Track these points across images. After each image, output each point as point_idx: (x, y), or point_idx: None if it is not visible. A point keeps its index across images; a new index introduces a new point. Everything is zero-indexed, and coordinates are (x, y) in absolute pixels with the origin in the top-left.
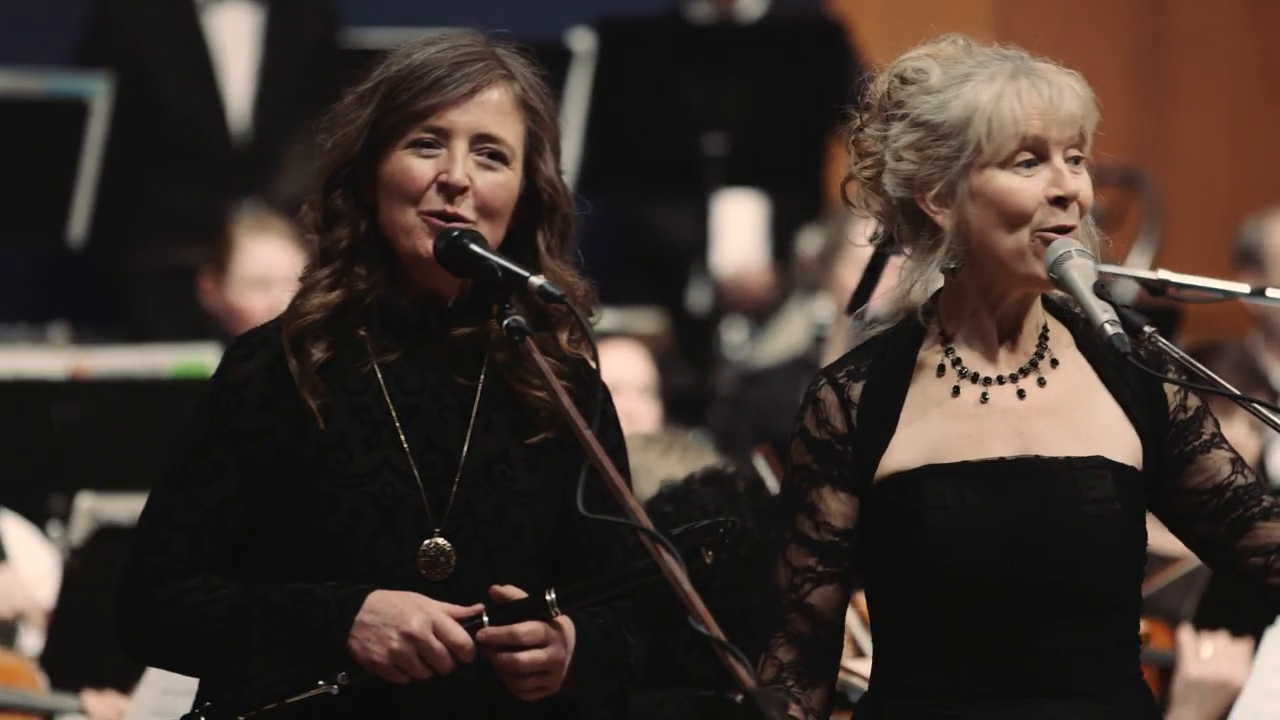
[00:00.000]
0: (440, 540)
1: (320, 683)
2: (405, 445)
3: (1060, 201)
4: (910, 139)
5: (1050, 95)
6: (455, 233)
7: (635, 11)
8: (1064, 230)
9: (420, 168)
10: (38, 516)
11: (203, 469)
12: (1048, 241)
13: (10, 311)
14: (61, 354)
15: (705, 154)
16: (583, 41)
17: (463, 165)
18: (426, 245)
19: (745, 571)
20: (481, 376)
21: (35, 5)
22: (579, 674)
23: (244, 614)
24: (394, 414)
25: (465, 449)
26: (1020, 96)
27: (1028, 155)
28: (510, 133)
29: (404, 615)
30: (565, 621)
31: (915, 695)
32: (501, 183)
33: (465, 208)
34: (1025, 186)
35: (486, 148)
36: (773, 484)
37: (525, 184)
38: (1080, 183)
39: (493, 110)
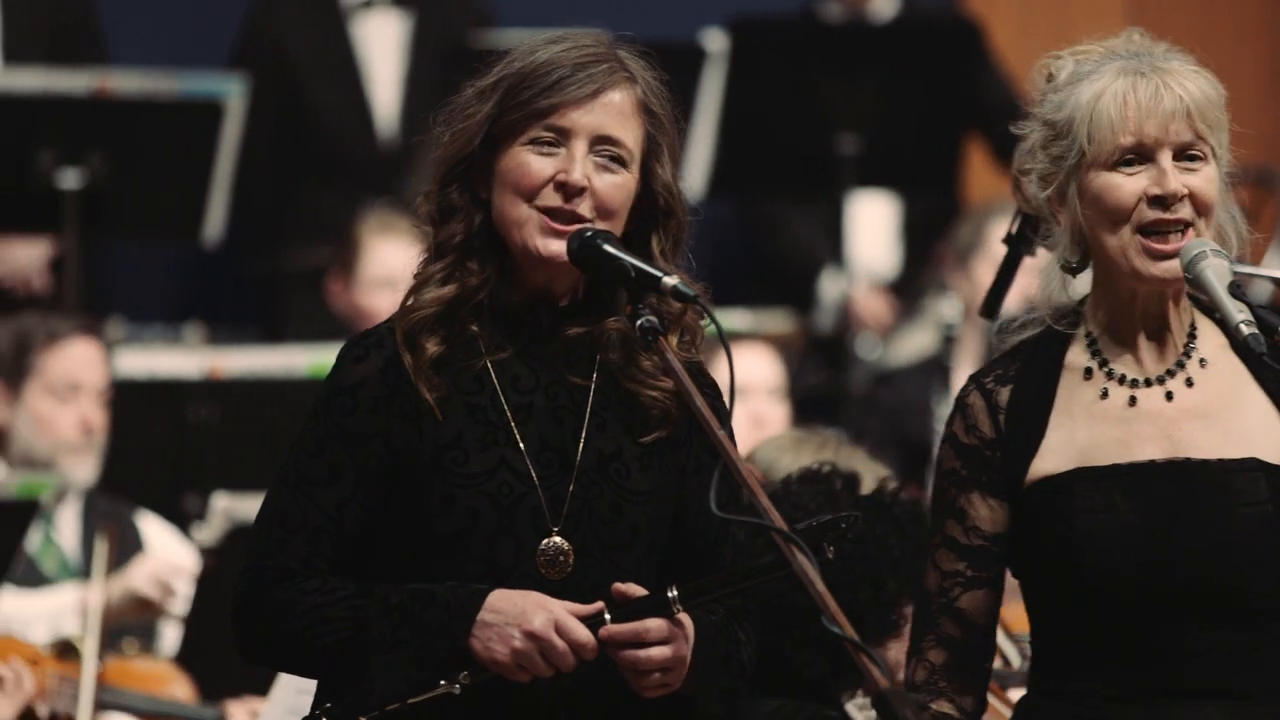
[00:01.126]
0: (558, 539)
1: (442, 682)
2: (521, 445)
3: (1160, 200)
4: (1038, 138)
5: (1151, 94)
6: (589, 232)
7: (767, 11)
8: (1170, 227)
9: (539, 165)
10: (173, 516)
11: (319, 471)
12: (1156, 241)
13: (146, 312)
14: (197, 354)
15: (838, 154)
16: (715, 41)
17: (582, 166)
18: (541, 242)
19: (853, 569)
20: (595, 376)
21: (186, 9)
22: (697, 670)
23: (363, 614)
24: (509, 413)
25: (580, 448)
26: (1121, 96)
27: (1130, 154)
28: (630, 136)
29: (526, 614)
30: (685, 618)
31: (1072, 698)
32: (619, 184)
33: (584, 208)
34: (1123, 184)
35: (606, 150)
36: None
37: (641, 187)
38: (1195, 180)
39: (614, 112)
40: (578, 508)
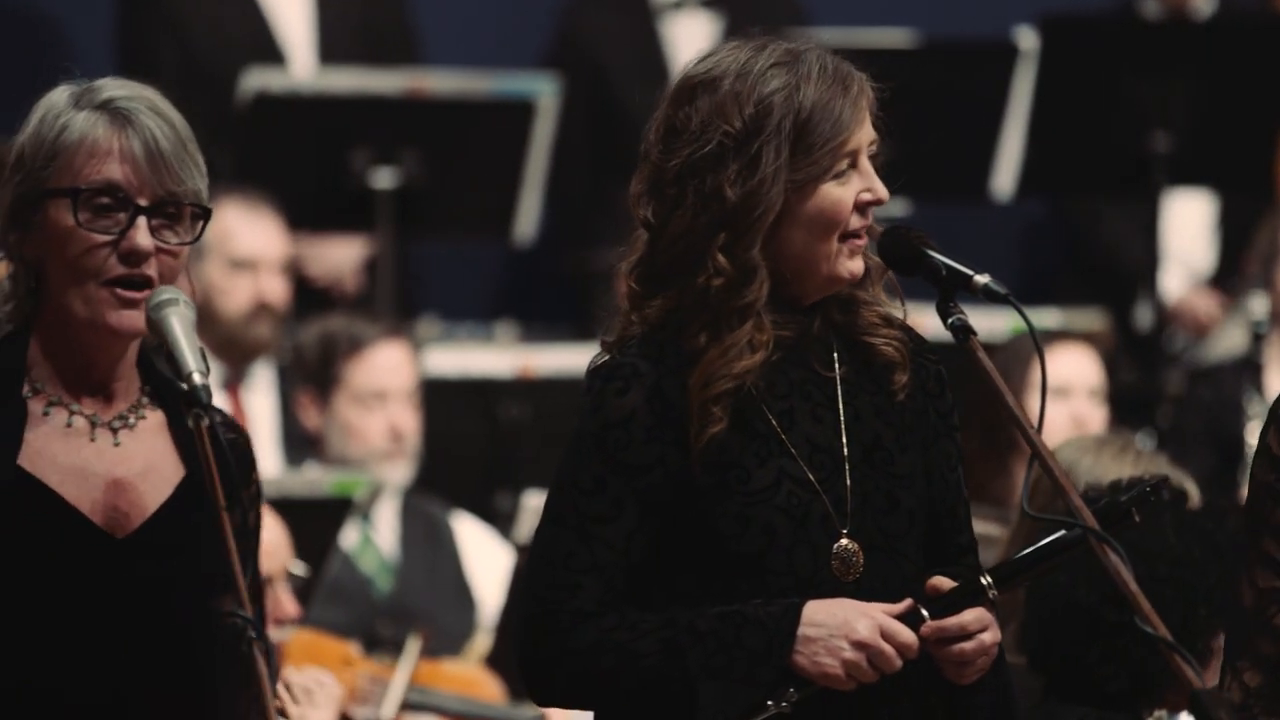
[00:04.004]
0: (847, 541)
1: (769, 703)
2: (793, 451)
3: None
4: None
5: None
6: (903, 229)
7: (1081, 9)
8: None
9: (845, 194)
10: (486, 515)
11: (600, 508)
12: None
13: (458, 310)
14: (509, 352)
15: (1152, 152)
16: (1027, 39)
17: (874, 179)
18: (849, 267)
19: (1164, 591)
20: (836, 364)
21: (499, 9)
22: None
23: (674, 645)
24: (774, 421)
25: (845, 443)
26: None
27: None
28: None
29: (849, 623)
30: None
31: None
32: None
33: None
34: None
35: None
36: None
37: None
38: None
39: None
40: (858, 505)
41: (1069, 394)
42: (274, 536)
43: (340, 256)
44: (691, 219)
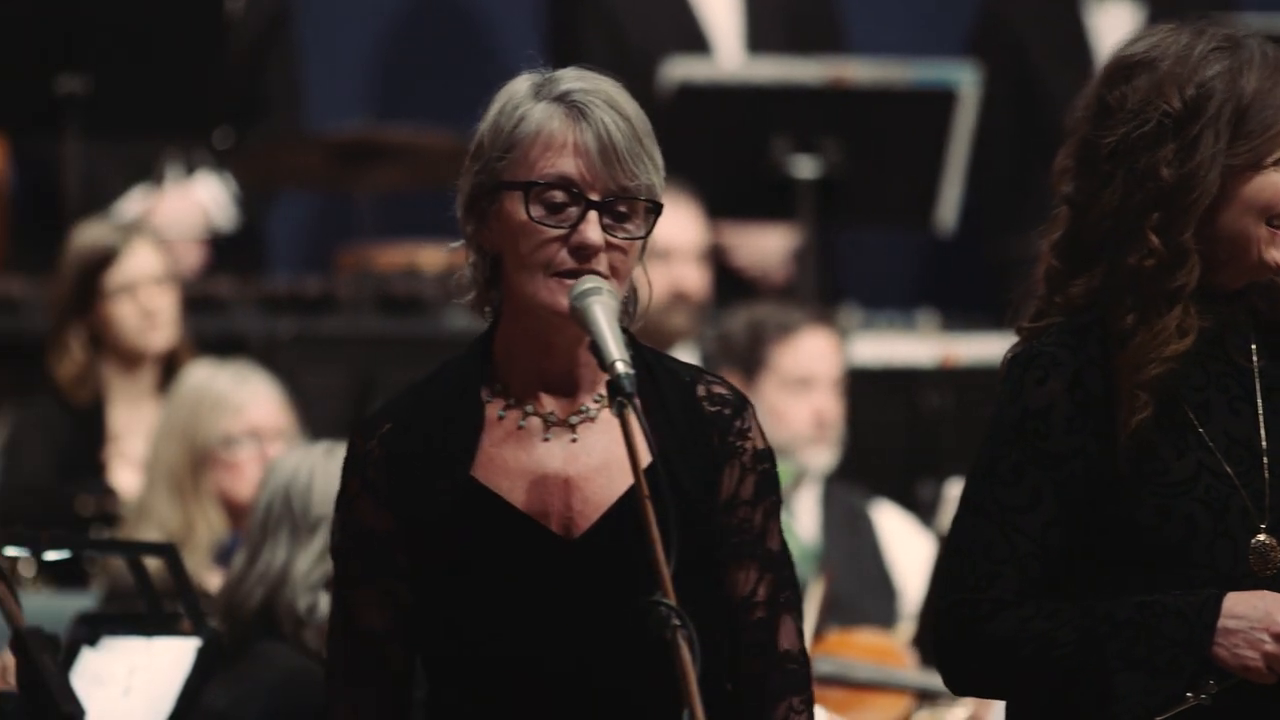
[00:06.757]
0: (1264, 536)
1: (1188, 695)
2: (1210, 444)
3: None
4: None
5: None
6: None
7: None
8: None
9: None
10: (908, 504)
11: (1019, 498)
12: None
13: (880, 298)
14: (930, 341)
15: None
16: None
17: None
18: (1275, 255)
19: None
20: (1254, 356)
21: None
22: None
23: (1092, 634)
24: (1190, 414)
25: (1263, 437)
26: None
27: None
28: None
29: (1271, 615)
30: None
31: None
32: None
33: None
34: None
35: None
36: None
37: None
38: None
39: None
40: (1276, 499)
41: None
42: None
43: (767, 246)
44: (1123, 197)
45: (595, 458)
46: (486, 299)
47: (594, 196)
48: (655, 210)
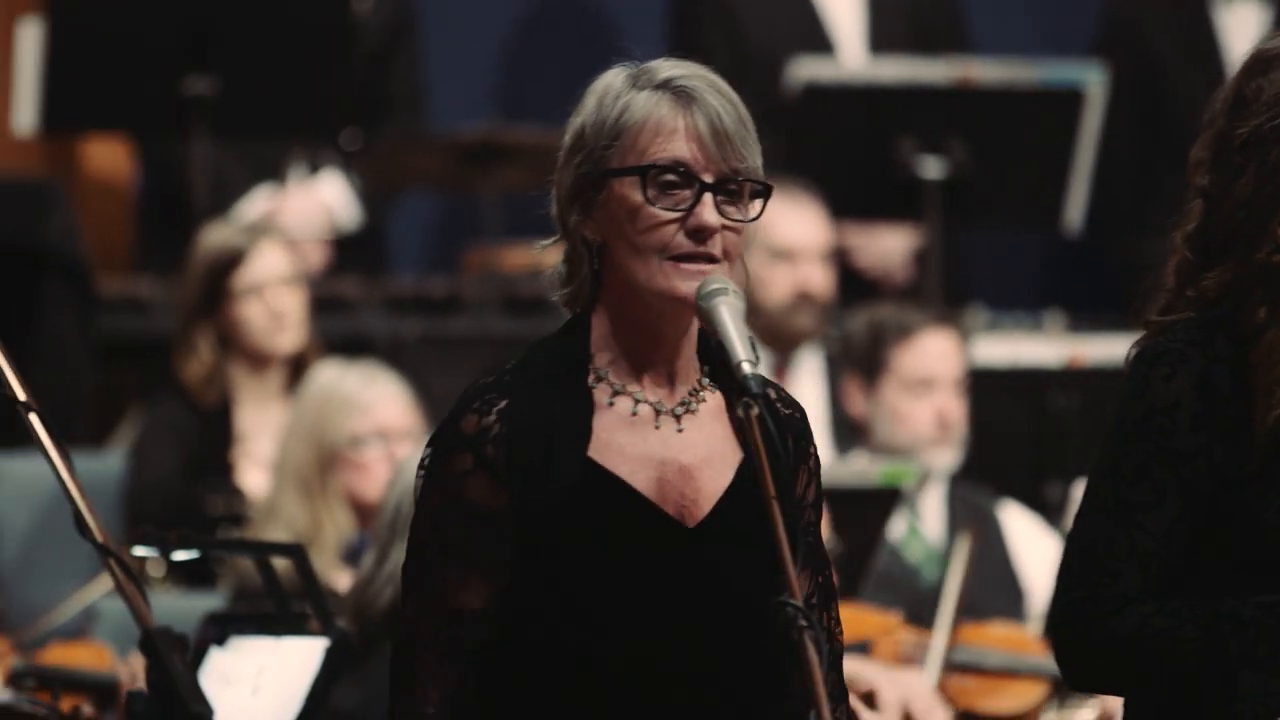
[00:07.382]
0: None
1: None
2: None
3: None
4: None
5: None
6: None
7: None
8: None
9: None
10: (1035, 505)
11: (1142, 495)
12: None
13: (1007, 299)
14: (1057, 342)
15: None
16: None
17: None
18: None
19: None
20: None
21: None
22: None
23: (1215, 632)
24: None
25: None
26: None
27: None
28: None
29: None
30: None
31: None
32: None
33: None
34: None
35: None
36: None
37: None
38: None
39: None
40: None
41: None
42: None
43: (889, 247)
44: (1253, 190)
45: (702, 449)
46: (584, 292)
47: (708, 178)
48: (763, 193)
